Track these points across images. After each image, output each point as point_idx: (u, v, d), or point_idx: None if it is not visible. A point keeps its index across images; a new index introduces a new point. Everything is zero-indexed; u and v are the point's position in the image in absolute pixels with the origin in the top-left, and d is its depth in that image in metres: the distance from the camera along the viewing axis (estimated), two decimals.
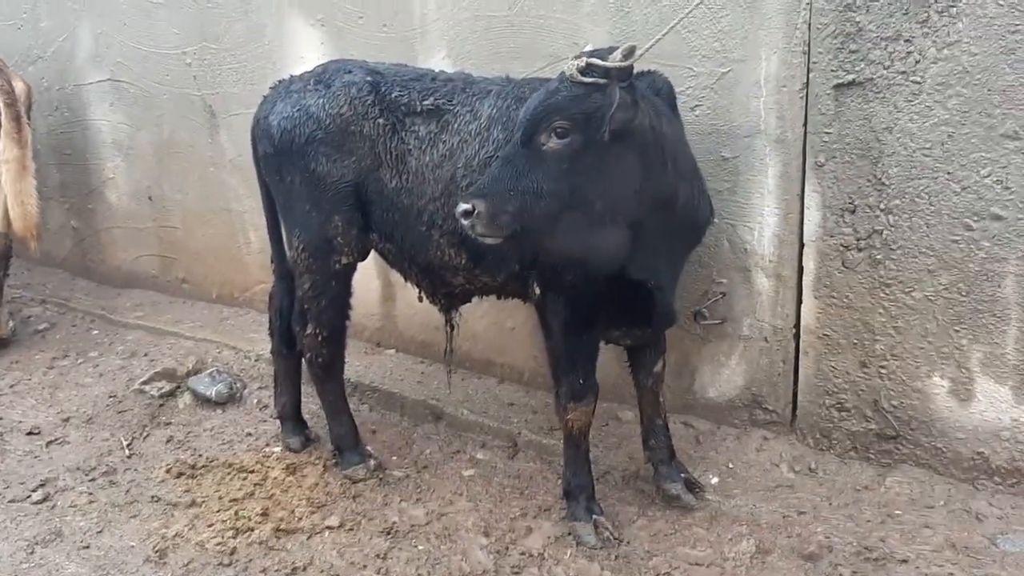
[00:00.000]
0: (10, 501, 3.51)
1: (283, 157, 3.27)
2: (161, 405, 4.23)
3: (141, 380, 4.34)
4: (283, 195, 3.38)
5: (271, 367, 4.41)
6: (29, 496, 3.53)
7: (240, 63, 4.55)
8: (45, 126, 5.33)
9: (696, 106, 3.32)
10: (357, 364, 4.26)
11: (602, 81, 2.58)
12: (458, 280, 3.25)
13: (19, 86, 4.71)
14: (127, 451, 3.85)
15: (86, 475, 3.68)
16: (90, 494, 3.54)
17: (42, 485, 3.60)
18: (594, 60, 2.59)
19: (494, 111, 3.04)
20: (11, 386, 4.50)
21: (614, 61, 2.57)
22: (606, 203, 2.69)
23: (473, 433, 3.84)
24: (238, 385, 4.28)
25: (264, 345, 4.56)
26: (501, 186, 2.63)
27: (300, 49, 4.33)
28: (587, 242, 2.75)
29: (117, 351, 4.81)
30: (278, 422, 3.86)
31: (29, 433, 4.02)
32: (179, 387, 4.32)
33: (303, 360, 3.62)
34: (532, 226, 2.67)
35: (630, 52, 2.57)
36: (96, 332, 5.05)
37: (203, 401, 4.21)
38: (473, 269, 3.16)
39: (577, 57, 2.64)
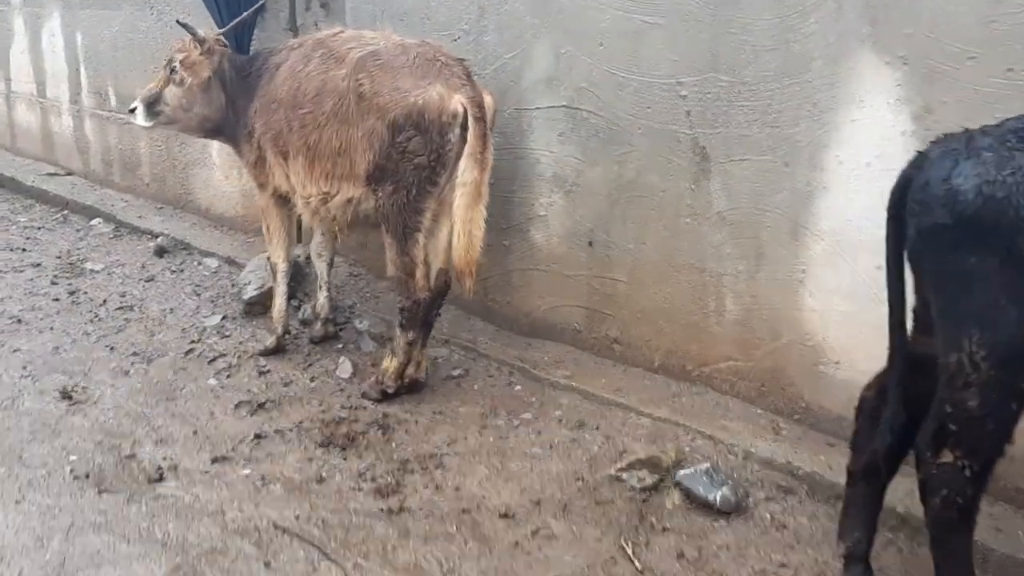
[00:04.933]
0: None
1: (970, 231, 2.42)
2: (644, 501, 3.49)
3: (617, 466, 3.63)
4: (953, 279, 2.52)
5: (765, 469, 3.65)
6: None
7: (762, 102, 3.81)
8: None
9: None
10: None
11: None
12: None
13: (488, 100, 4.20)
14: (637, 563, 3.11)
15: None
16: None
17: None
18: None
19: None
20: (448, 444, 3.91)
21: None
22: None
23: None
24: (741, 491, 3.47)
25: (749, 439, 3.82)
26: None
27: (861, 91, 3.53)
28: None
29: (555, 416, 4.13)
30: (840, 561, 2.99)
31: (503, 516, 3.38)
32: (663, 480, 3.57)
33: (929, 501, 2.71)
34: None
35: None
36: (519, 388, 4.42)
37: (699, 505, 3.43)
38: None
39: None
